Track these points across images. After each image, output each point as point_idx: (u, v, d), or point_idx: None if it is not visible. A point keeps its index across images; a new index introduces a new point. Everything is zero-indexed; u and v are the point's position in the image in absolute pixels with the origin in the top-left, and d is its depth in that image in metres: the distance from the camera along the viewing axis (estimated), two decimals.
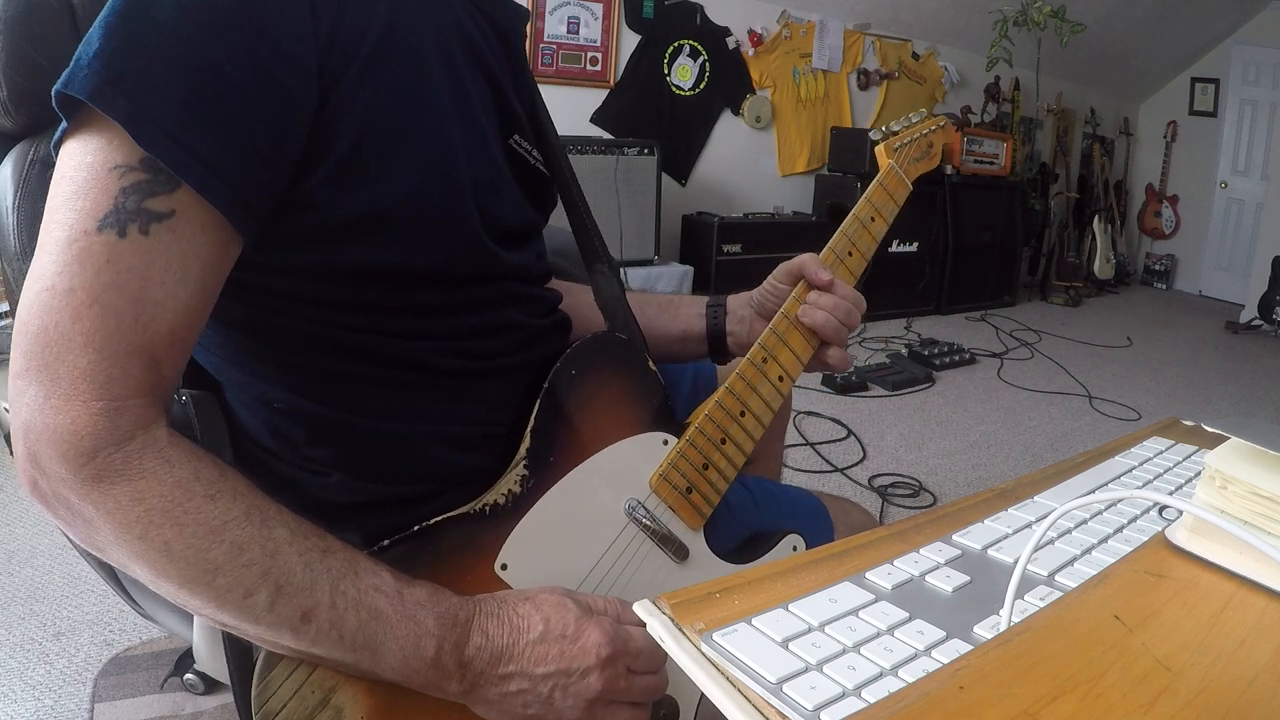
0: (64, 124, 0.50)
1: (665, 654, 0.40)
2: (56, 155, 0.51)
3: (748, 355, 0.78)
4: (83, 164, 0.49)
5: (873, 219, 0.87)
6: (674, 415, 0.76)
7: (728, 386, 0.76)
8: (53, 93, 0.48)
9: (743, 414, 0.77)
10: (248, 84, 0.51)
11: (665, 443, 0.74)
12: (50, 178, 0.50)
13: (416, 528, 0.61)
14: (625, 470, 0.72)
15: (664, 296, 0.91)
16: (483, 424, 0.68)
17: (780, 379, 0.79)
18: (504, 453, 0.68)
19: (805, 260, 0.81)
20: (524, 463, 0.66)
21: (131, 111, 0.47)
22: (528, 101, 0.75)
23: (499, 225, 0.67)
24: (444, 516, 0.63)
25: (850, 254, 0.85)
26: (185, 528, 0.49)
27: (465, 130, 0.64)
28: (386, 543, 0.60)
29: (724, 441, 0.76)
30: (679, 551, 0.73)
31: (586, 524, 0.69)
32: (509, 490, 0.65)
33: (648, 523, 0.72)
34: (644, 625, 0.41)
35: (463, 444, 0.67)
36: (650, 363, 0.76)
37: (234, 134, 0.51)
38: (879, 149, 0.93)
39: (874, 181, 0.89)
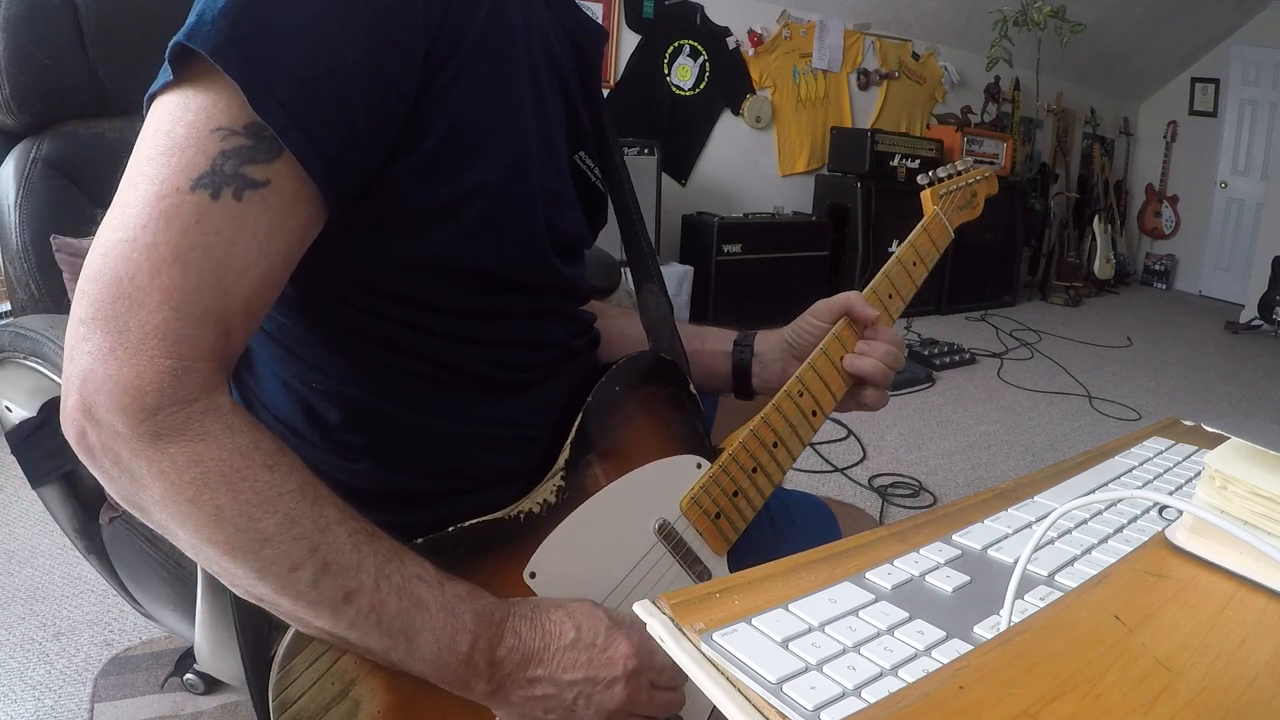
0: (164, 78, 0.49)
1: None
2: (148, 108, 0.50)
3: (784, 388, 0.78)
4: (182, 120, 0.48)
5: (915, 264, 0.88)
6: (708, 439, 0.76)
7: (763, 417, 0.76)
8: (170, 43, 0.48)
9: (775, 445, 0.77)
10: (360, 67, 0.51)
11: (699, 466, 0.74)
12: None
13: (451, 528, 0.61)
14: (658, 490, 0.72)
15: (692, 328, 0.91)
16: (518, 426, 0.68)
17: (814, 413, 0.79)
18: (534, 456, 0.68)
19: (851, 299, 0.81)
20: (561, 474, 0.66)
21: (249, 75, 0.47)
22: (595, 119, 0.76)
23: (560, 238, 0.68)
24: (479, 520, 0.63)
25: (891, 296, 0.86)
26: (240, 494, 0.48)
27: (541, 139, 0.64)
28: (420, 540, 0.60)
29: (755, 470, 0.76)
30: (702, 575, 0.74)
31: (616, 540, 0.69)
32: (544, 500, 0.65)
33: (675, 544, 0.72)
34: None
35: (496, 445, 0.67)
36: (691, 385, 0.76)
37: (340, 114, 0.51)
38: (925, 194, 0.93)
39: (918, 226, 0.90)
